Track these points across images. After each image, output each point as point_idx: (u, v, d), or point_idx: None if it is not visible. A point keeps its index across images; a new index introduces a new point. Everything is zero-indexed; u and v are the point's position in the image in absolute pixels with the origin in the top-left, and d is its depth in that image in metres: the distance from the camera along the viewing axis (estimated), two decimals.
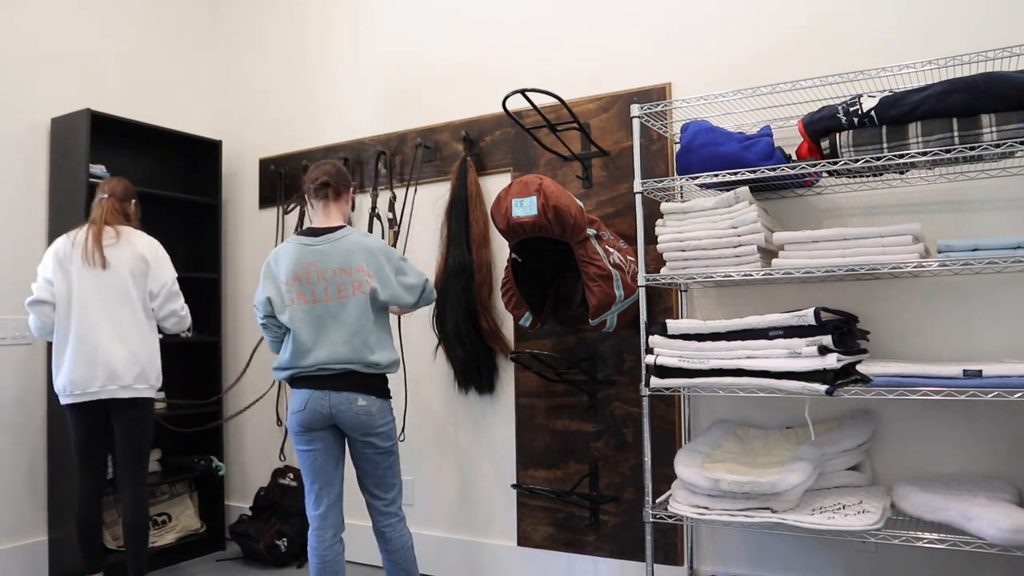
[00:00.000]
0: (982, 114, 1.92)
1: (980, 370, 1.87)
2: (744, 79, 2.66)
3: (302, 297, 2.35)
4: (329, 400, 2.33)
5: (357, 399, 2.34)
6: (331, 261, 2.36)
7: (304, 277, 2.35)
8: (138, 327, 2.74)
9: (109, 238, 2.74)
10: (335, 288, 2.35)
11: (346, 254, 2.37)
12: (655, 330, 2.28)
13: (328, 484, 2.40)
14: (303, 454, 2.39)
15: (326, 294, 2.35)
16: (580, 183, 2.96)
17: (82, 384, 2.65)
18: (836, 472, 2.29)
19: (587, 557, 2.89)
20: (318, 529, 2.39)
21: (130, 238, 2.77)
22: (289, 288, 2.37)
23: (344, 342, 2.33)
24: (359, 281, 2.35)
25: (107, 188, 2.85)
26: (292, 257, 2.38)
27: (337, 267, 2.35)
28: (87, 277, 2.69)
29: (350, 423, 2.34)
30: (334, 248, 2.38)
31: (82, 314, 2.67)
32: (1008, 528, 1.79)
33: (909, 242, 2.01)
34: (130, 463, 2.76)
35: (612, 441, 2.85)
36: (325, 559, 2.37)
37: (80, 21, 3.55)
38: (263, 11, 3.98)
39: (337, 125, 3.66)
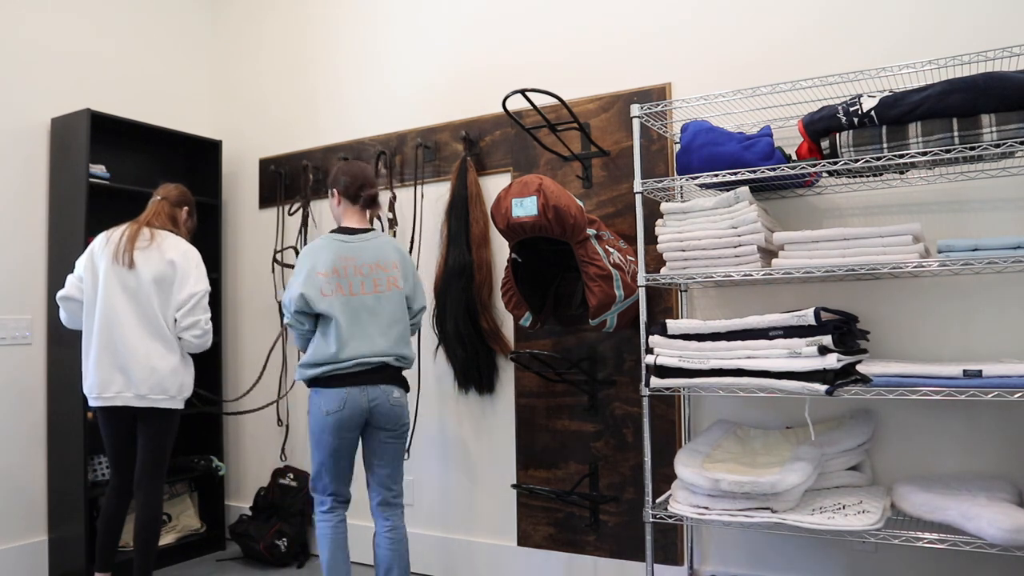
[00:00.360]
0: (982, 114, 1.92)
1: (980, 370, 1.87)
2: (744, 79, 2.66)
3: (339, 289, 2.42)
4: (367, 395, 2.41)
5: (392, 391, 2.46)
6: (367, 256, 2.48)
7: (342, 270, 2.43)
8: (160, 336, 2.64)
9: (143, 240, 2.68)
10: (371, 283, 2.46)
11: (381, 251, 2.51)
12: (655, 330, 2.28)
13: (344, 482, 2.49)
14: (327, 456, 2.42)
15: (363, 288, 2.45)
16: (580, 183, 2.96)
17: (102, 388, 2.61)
18: (836, 472, 2.29)
19: (587, 557, 2.89)
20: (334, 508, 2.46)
21: (163, 243, 2.70)
22: (328, 279, 2.41)
23: (381, 334, 2.44)
24: (393, 277, 2.50)
25: (162, 191, 2.85)
26: (331, 251, 2.45)
27: (373, 262, 2.48)
28: (113, 276, 2.64)
29: (385, 416, 2.44)
30: (370, 245, 2.51)
31: (105, 315, 2.61)
32: (1008, 528, 1.79)
33: (909, 242, 2.01)
34: (149, 468, 2.71)
35: (612, 441, 2.85)
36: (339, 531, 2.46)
37: (80, 21, 3.55)
38: (263, 11, 3.98)
39: (337, 125, 3.66)
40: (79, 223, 3.19)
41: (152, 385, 2.62)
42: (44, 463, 3.28)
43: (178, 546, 3.49)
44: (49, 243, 3.34)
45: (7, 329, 3.18)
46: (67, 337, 3.20)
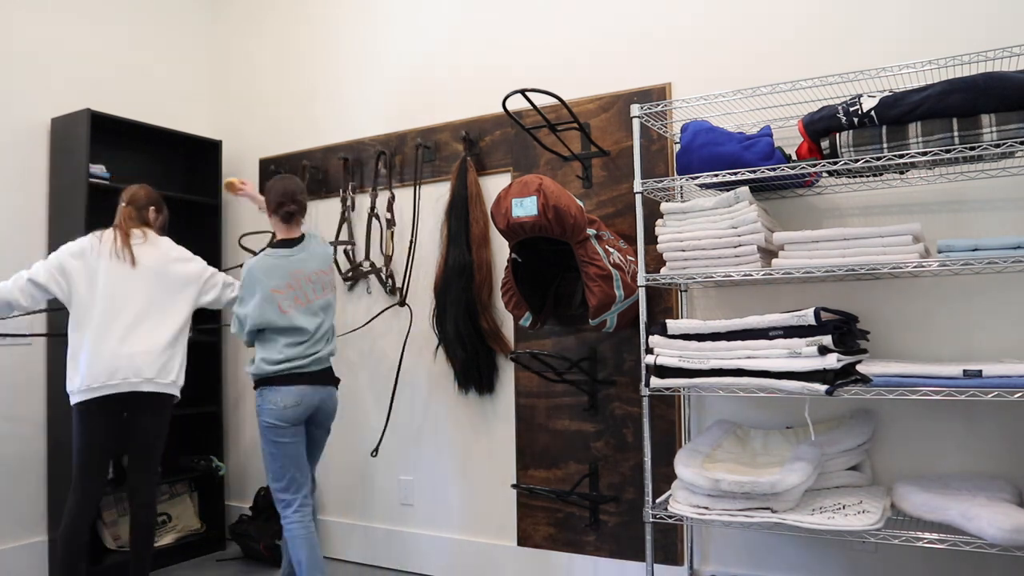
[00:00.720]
0: (982, 114, 1.92)
1: (980, 370, 1.87)
2: (744, 79, 2.66)
3: (297, 301, 2.62)
4: (319, 394, 2.64)
5: (333, 391, 2.73)
6: (311, 265, 2.69)
7: (295, 284, 2.64)
8: (165, 327, 2.70)
9: (136, 238, 2.74)
10: (320, 287, 2.70)
11: (318, 259, 2.73)
12: (655, 330, 2.28)
13: (304, 469, 2.65)
14: (286, 446, 2.58)
15: (314, 293, 2.67)
16: (580, 183, 2.96)
17: (104, 376, 2.56)
18: (836, 472, 2.29)
19: (587, 557, 2.89)
20: (302, 507, 2.60)
21: (157, 240, 2.79)
22: (286, 295, 2.61)
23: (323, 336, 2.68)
24: (330, 281, 2.75)
25: (126, 196, 2.83)
26: (281, 267, 2.63)
27: (316, 269, 2.70)
28: (116, 272, 2.66)
29: (327, 413, 2.72)
30: (309, 255, 2.71)
31: (107, 309, 2.62)
32: (1008, 528, 1.79)
33: (909, 242, 2.01)
34: (145, 462, 2.70)
35: (612, 441, 2.85)
36: (313, 540, 2.59)
37: (80, 21, 3.55)
38: (263, 11, 3.98)
39: (337, 125, 3.66)
40: (79, 223, 3.19)
41: (158, 369, 2.65)
42: (44, 463, 3.28)
43: (178, 546, 3.49)
44: (49, 243, 3.34)
45: (7, 329, 3.18)
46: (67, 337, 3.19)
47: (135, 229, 2.76)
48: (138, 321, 2.66)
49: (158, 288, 2.72)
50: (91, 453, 2.61)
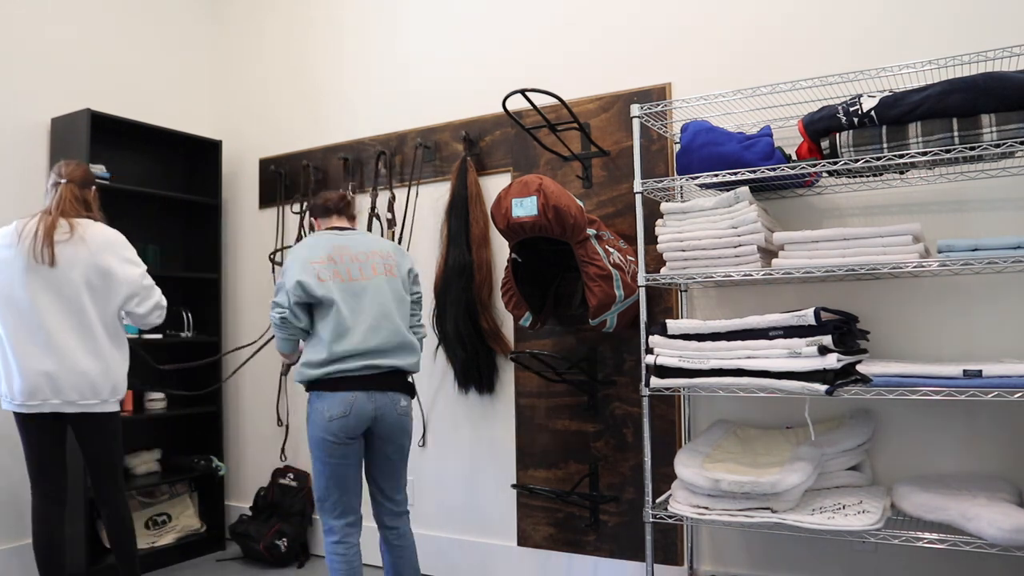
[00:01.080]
0: (982, 114, 1.92)
1: (980, 370, 1.87)
2: (744, 79, 2.66)
3: (337, 275, 2.31)
4: (374, 402, 2.28)
5: (400, 400, 2.34)
6: (360, 246, 2.41)
7: (338, 258, 2.35)
8: (88, 336, 2.43)
9: (62, 232, 2.41)
10: (369, 268, 2.37)
11: (374, 242, 2.46)
12: (655, 330, 2.28)
13: (358, 492, 2.35)
14: (335, 467, 2.27)
15: (361, 273, 2.35)
16: (580, 183, 2.96)
17: (28, 394, 2.37)
18: (836, 472, 2.29)
19: (587, 557, 2.89)
20: (345, 537, 2.31)
21: (86, 234, 2.44)
22: (324, 267, 2.31)
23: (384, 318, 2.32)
24: (389, 264, 2.42)
25: (64, 171, 2.52)
26: (323, 242, 2.38)
27: (367, 250, 2.41)
28: (34, 275, 2.38)
29: (390, 427, 2.33)
30: (361, 238, 2.45)
31: (28, 317, 2.38)
32: (1008, 528, 1.79)
33: (909, 242, 2.01)
34: (104, 478, 2.53)
35: (612, 441, 2.85)
36: (354, 565, 2.31)
37: (80, 21, 3.55)
38: (264, 11, 3.98)
39: (337, 125, 3.66)
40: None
41: (82, 390, 2.42)
42: None
43: (178, 546, 3.49)
44: None
45: None
46: None
47: (64, 221, 2.43)
48: (58, 335, 2.38)
49: (86, 295, 2.42)
50: (35, 455, 2.48)
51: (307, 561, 3.50)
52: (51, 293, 2.40)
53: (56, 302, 2.40)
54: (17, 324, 2.39)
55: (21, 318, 2.39)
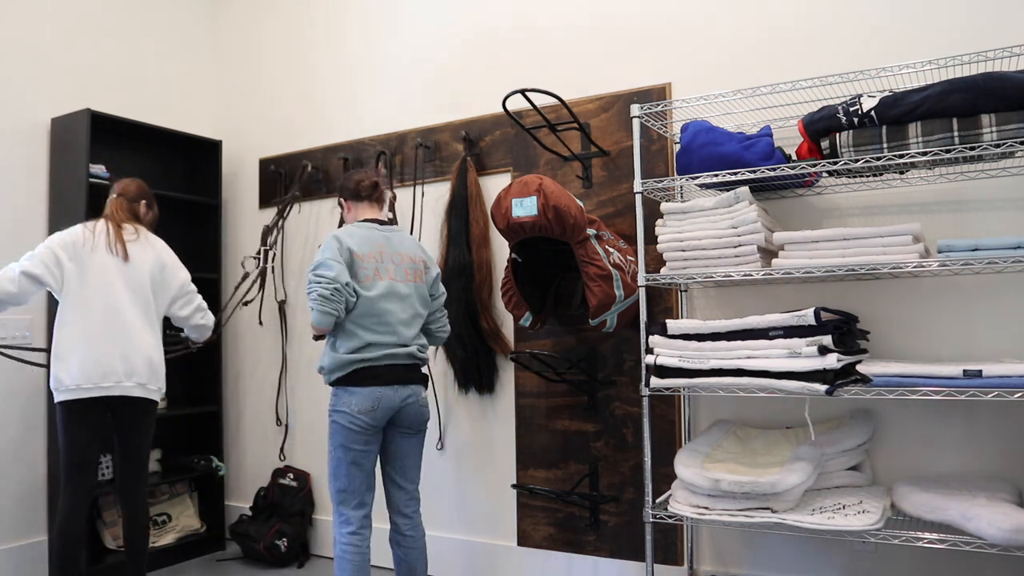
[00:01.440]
0: (982, 114, 1.92)
1: (980, 370, 1.87)
2: (744, 79, 2.66)
3: (377, 274, 2.37)
4: (399, 395, 2.36)
5: (420, 391, 2.45)
6: (399, 247, 2.45)
7: (379, 255, 2.39)
8: (154, 328, 2.68)
9: (129, 234, 2.70)
10: (403, 272, 2.42)
11: (409, 244, 2.50)
12: (655, 330, 2.28)
13: (371, 486, 2.39)
14: (359, 454, 2.32)
15: (395, 276, 2.40)
16: (580, 183, 2.96)
17: (97, 377, 2.52)
18: (836, 472, 2.29)
19: (587, 557, 2.89)
20: (360, 528, 2.34)
21: (148, 239, 2.75)
22: (364, 263, 2.35)
23: (407, 324, 2.40)
24: (420, 271, 2.49)
25: (118, 188, 2.80)
26: (364, 236, 2.40)
27: (404, 252, 2.46)
28: (111, 266, 2.61)
29: (413, 417, 2.42)
30: (398, 237, 2.48)
31: (108, 305, 2.57)
32: (1008, 528, 1.79)
33: (909, 242, 2.01)
34: (134, 472, 2.67)
35: (612, 441, 2.85)
36: (366, 557, 2.35)
37: (80, 21, 3.55)
38: (263, 11, 3.98)
39: (337, 125, 3.66)
40: (79, 223, 3.18)
41: (149, 375, 2.63)
42: (44, 463, 3.28)
43: (178, 546, 3.49)
44: None
45: (7, 329, 3.18)
46: None
47: (127, 224, 2.72)
48: (131, 321, 2.60)
49: (150, 289, 2.68)
50: (79, 451, 2.56)
51: (307, 561, 3.50)
52: (127, 286, 2.63)
53: (131, 294, 2.63)
54: (93, 315, 2.56)
55: (97, 309, 2.57)
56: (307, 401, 3.66)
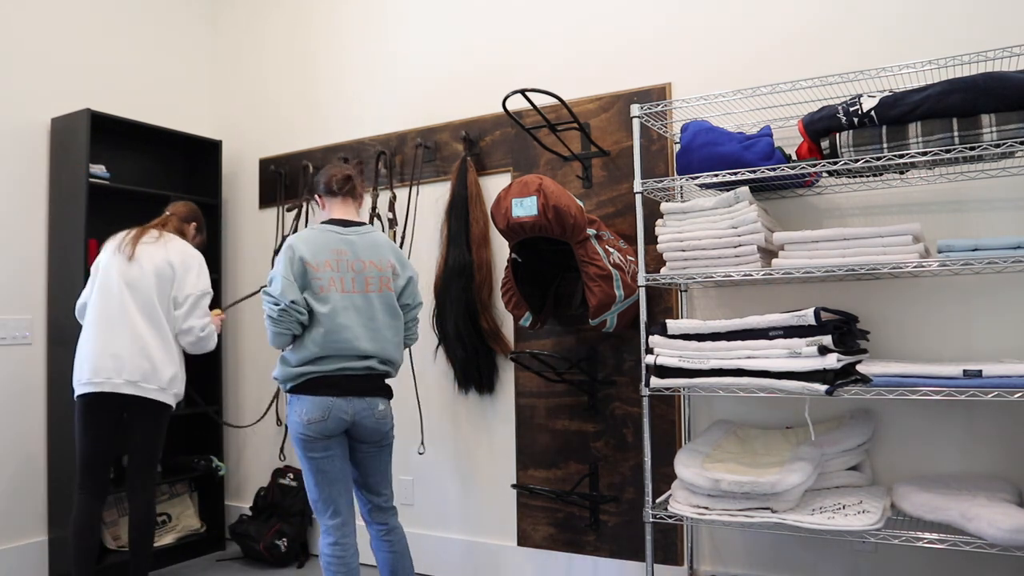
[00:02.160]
0: (982, 114, 1.92)
1: (980, 370, 1.87)
2: (744, 79, 2.66)
3: (332, 284, 2.26)
4: (352, 407, 2.26)
5: (378, 405, 2.32)
6: (362, 253, 2.33)
7: (335, 264, 2.28)
8: (156, 326, 2.66)
9: (150, 237, 2.75)
10: (363, 281, 2.30)
11: (377, 248, 2.36)
12: (655, 330, 2.28)
13: (346, 490, 2.32)
14: (320, 461, 2.26)
15: (354, 285, 2.29)
16: (580, 183, 2.96)
17: (92, 373, 2.57)
18: (836, 472, 2.29)
19: (587, 557, 2.89)
20: (341, 538, 2.28)
21: (168, 243, 2.75)
22: (319, 273, 2.25)
23: (368, 336, 2.28)
24: (386, 278, 2.35)
25: (171, 208, 2.94)
26: (320, 242, 2.29)
27: (367, 259, 2.33)
28: (113, 266, 2.67)
29: (368, 431, 2.31)
30: (364, 240, 2.35)
31: (103, 302, 2.63)
32: (1008, 528, 1.79)
33: (909, 242, 2.01)
34: (144, 466, 2.69)
35: (612, 441, 2.85)
36: (351, 566, 2.29)
37: (80, 21, 3.55)
38: (264, 11, 3.98)
39: (337, 125, 3.66)
40: (79, 223, 3.19)
41: (144, 373, 2.60)
42: (44, 463, 3.28)
43: (178, 546, 3.49)
44: (49, 243, 3.34)
45: (7, 329, 3.18)
46: (67, 337, 3.20)
47: (155, 231, 2.78)
48: (125, 319, 2.61)
49: (154, 289, 2.66)
50: (84, 450, 2.63)
51: (307, 561, 3.50)
52: (126, 283, 2.66)
53: (130, 291, 2.65)
54: (93, 312, 2.66)
55: (100, 305, 2.65)
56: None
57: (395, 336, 2.38)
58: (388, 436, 2.40)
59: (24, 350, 3.25)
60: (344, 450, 2.32)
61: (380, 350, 2.31)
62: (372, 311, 2.31)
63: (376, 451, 2.39)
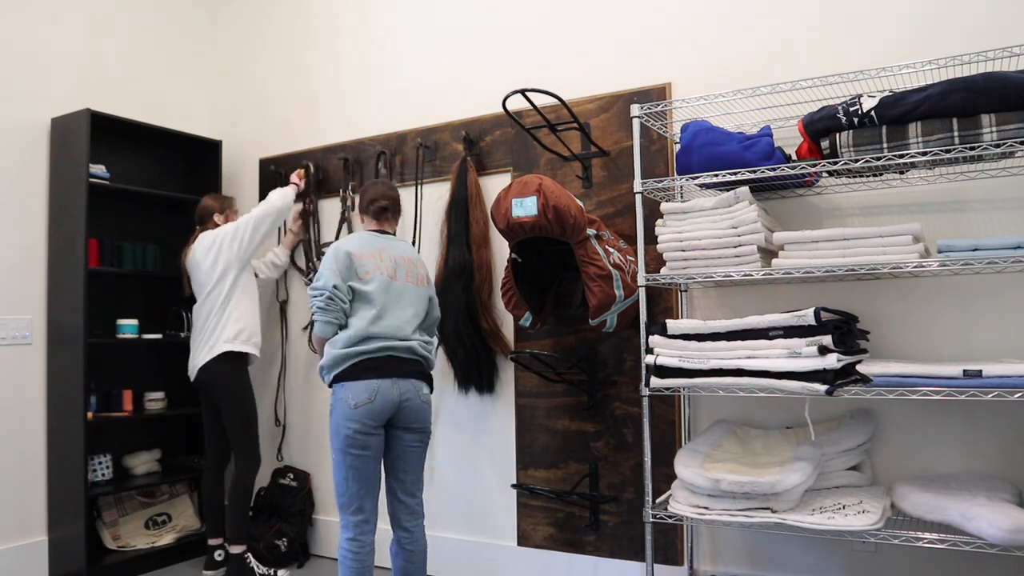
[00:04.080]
0: (982, 114, 1.92)
1: (980, 370, 1.87)
2: (744, 79, 2.66)
3: (377, 269, 2.42)
4: (399, 388, 2.34)
5: (423, 388, 2.43)
6: (398, 251, 2.53)
7: (378, 254, 2.46)
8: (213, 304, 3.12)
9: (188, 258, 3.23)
10: (403, 272, 2.48)
11: (411, 252, 2.58)
12: (655, 330, 2.28)
13: (374, 490, 2.36)
14: (356, 459, 2.29)
15: (395, 275, 2.46)
16: (580, 183, 2.96)
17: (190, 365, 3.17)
18: (836, 472, 2.29)
19: (587, 557, 2.89)
20: (361, 535, 2.33)
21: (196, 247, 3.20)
22: (363, 261, 2.41)
23: (408, 321, 2.43)
24: (422, 275, 2.56)
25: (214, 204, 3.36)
26: (365, 239, 2.48)
27: (403, 256, 2.53)
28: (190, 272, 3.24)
29: (414, 413, 2.39)
30: (400, 244, 2.56)
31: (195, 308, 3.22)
32: (1008, 528, 1.79)
33: (909, 242, 2.01)
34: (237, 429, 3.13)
35: (612, 441, 2.85)
36: (366, 564, 2.34)
37: (80, 21, 3.55)
38: (264, 11, 3.98)
39: (337, 125, 3.66)
40: (79, 223, 3.19)
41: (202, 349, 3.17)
42: (44, 463, 3.28)
43: (178, 546, 3.49)
44: (49, 243, 3.34)
45: (7, 329, 3.18)
46: (67, 337, 3.20)
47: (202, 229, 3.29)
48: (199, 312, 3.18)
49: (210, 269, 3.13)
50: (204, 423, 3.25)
51: (307, 561, 3.50)
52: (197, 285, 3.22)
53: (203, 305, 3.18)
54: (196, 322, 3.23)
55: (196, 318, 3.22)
56: (306, 401, 3.66)
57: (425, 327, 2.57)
58: (429, 427, 2.48)
59: (24, 350, 3.25)
60: (379, 452, 2.37)
61: (416, 333, 2.46)
62: (410, 297, 2.47)
63: (418, 445, 2.45)
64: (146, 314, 3.73)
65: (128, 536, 3.38)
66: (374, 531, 2.38)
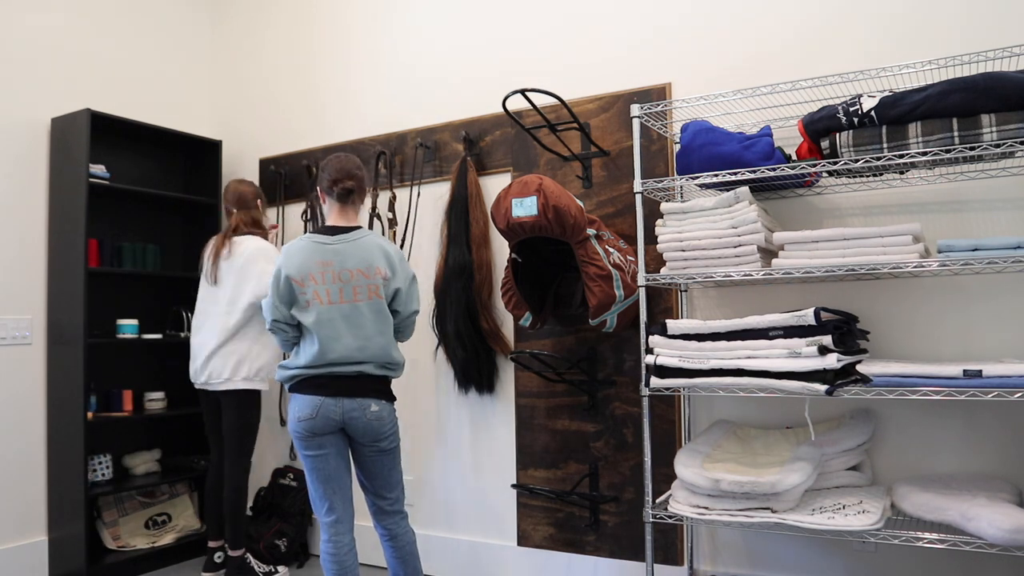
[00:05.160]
0: (982, 114, 1.92)
1: (980, 370, 1.87)
2: (744, 79, 2.66)
3: (317, 298, 2.31)
4: (342, 407, 2.30)
5: (370, 405, 2.33)
6: (348, 261, 2.34)
7: (320, 277, 2.32)
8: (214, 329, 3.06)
9: (224, 253, 3.10)
10: (351, 290, 2.32)
11: (365, 253, 2.36)
12: (655, 330, 2.28)
13: (341, 488, 2.36)
14: (313, 459, 2.32)
15: (341, 296, 2.32)
16: (580, 183, 2.96)
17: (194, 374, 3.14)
18: (836, 472, 2.29)
19: (587, 557, 2.89)
20: (335, 535, 2.34)
21: (235, 249, 3.08)
22: (304, 287, 2.32)
23: (358, 348, 2.32)
24: (375, 285, 2.35)
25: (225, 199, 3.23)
26: (306, 255, 2.34)
27: (354, 268, 2.34)
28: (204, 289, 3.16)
29: (362, 430, 2.32)
30: (352, 248, 2.36)
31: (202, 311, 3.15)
32: (1008, 528, 1.79)
33: (909, 242, 2.01)
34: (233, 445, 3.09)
35: (612, 441, 2.85)
36: (345, 564, 2.34)
37: (80, 21, 3.55)
38: (264, 11, 3.98)
39: (337, 124, 3.66)
40: (79, 223, 3.19)
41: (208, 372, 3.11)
42: (44, 463, 3.28)
43: (178, 546, 3.49)
44: (49, 243, 3.34)
45: (7, 329, 3.18)
46: (67, 337, 3.20)
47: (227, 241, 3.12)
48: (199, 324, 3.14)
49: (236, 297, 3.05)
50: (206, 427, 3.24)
51: (307, 561, 3.50)
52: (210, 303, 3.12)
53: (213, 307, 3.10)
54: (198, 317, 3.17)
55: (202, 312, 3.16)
56: None
57: (386, 339, 2.38)
58: (388, 439, 2.38)
59: (24, 350, 3.25)
60: (340, 450, 2.36)
61: (372, 356, 2.34)
62: (360, 319, 2.33)
63: (376, 454, 2.38)
64: (146, 314, 3.73)
65: (128, 536, 3.38)
66: (350, 531, 2.37)
